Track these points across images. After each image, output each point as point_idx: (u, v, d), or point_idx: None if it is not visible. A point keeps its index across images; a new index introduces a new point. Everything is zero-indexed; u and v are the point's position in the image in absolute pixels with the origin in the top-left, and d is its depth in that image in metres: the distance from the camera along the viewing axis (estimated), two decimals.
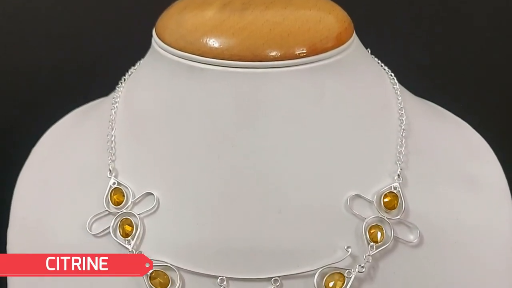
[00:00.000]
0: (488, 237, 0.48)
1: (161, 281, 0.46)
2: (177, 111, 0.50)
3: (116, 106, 0.54)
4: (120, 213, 0.48)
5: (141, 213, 0.48)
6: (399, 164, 0.49)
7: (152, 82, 0.52)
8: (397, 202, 0.48)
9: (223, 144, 0.49)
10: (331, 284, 0.45)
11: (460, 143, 0.54)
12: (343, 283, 0.45)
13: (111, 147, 0.51)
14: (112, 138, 0.52)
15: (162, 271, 0.46)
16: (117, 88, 0.56)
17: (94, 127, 0.54)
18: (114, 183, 0.49)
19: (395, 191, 0.48)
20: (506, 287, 0.47)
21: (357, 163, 0.49)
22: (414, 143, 0.51)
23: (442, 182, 0.49)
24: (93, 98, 0.62)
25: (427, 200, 0.48)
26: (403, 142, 0.51)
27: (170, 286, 0.45)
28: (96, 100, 0.61)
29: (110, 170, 0.50)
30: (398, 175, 0.49)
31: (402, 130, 0.51)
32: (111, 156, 0.51)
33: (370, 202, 0.48)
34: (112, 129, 0.52)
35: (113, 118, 0.53)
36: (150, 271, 0.46)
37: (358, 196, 0.48)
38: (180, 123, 0.50)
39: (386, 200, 0.48)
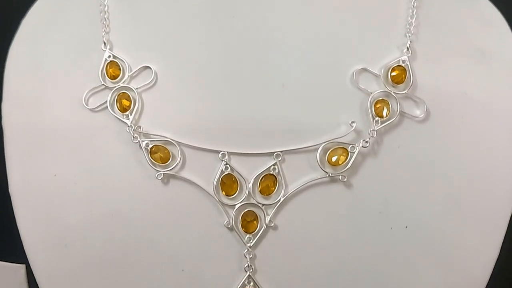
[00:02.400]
0: (496, 111, 0.46)
1: (162, 155, 0.45)
2: None
3: None
4: (117, 87, 0.47)
5: (139, 87, 0.46)
6: (409, 36, 0.47)
7: None
8: (405, 76, 0.46)
9: (224, 15, 0.46)
10: (334, 159, 0.45)
11: (473, 14, 0.51)
12: (346, 158, 0.45)
13: (105, 18, 0.48)
14: (105, 9, 0.49)
15: (163, 146, 0.45)
16: None
17: None
18: (109, 56, 0.47)
19: (403, 65, 0.46)
20: None
21: (365, 35, 0.47)
22: (426, 14, 0.48)
23: (452, 55, 0.47)
24: None
25: (436, 74, 0.47)
26: (414, 13, 0.48)
27: (171, 160, 0.45)
28: None
29: (104, 43, 0.48)
30: (407, 48, 0.47)
31: (413, 1, 0.48)
32: (105, 27, 0.48)
33: (376, 76, 0.46)
34: None
35: None
36: (150, 145, 0.45)
37: (364, 69, 0.46)
38: None
39: (393, 73, 0.46)
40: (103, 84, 0.47)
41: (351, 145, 0.45)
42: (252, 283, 0.44)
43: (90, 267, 0.45)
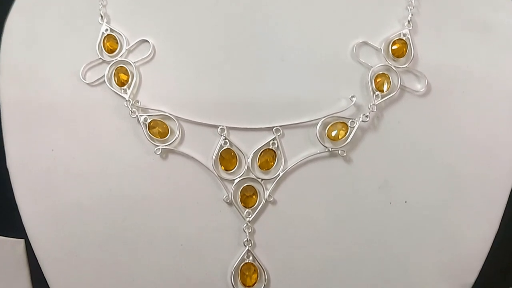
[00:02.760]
0: (498, 86, 0.46)
1: (160, 130, 0.45)
2: None
3: None
4: (115, 61, 0.46)
5: (137, 61, 0.46)
6: (410, 9, 0.46)
7: None
8: (406, 49, 0.45)
9: None
10: (333, 133, 0.44)
11: None
12: (346, 132, 0.44)
13: None
14: None
15: (161, 121, 0.45)
16: None
17: None
18: (106, 30, 0.47)
19: (404, 38, 0.46)
20: None
21: (365, 8, 0.46)
22: None
23: (454, 28, 0.47)
24: None
25: (438, 48, 0.46)
26: None
27: (169, 135, 0.45)
28: None
29: (101, 16, 0.47)
30: (409, 21, 0.46)
31: None
32: (102, 0, 0.47)
33: (377, 49, 0.46)
34: None
35: None
36: (149, 120, 0.45)
37: (365, 43, 0.45)
38: None
39: (394, 47, 0.45)
40: (100, 58, 0.46)
41: (351, 120, 0.44)
42: (251, 258, 0.44)
43: (89, 241, 0.45)
